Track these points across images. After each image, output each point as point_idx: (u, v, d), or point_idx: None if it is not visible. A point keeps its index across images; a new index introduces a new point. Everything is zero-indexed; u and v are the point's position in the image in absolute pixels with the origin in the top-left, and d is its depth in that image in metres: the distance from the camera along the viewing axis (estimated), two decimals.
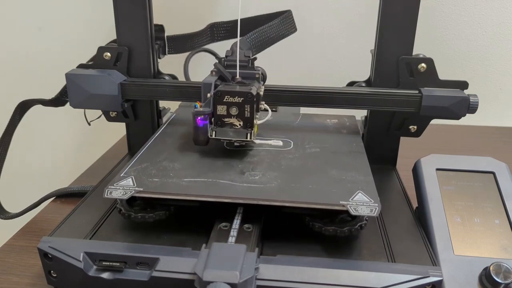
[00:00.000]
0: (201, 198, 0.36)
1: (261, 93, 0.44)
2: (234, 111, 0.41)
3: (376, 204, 0.35)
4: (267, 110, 0.45)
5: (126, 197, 0.36)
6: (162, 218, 0.39)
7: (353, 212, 0.34)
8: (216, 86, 0.42)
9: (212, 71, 0.44)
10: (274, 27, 0.50)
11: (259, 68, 0.45)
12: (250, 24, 0.52)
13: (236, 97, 0.41)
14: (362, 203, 0.35)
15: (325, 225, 0.37)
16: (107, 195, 0.36)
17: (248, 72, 0.44)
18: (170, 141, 0.47)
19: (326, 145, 0.47)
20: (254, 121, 0.42)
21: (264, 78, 0.47)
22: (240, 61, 0.44)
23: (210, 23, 0.57)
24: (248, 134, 0.42)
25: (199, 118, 0.41)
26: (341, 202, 0.35)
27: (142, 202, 0.40)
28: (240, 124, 0.42)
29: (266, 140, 0.46)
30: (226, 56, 0.45)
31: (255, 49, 0.49)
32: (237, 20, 0.56)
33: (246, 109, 0.41)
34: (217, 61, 0.45)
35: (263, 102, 0.45)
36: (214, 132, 0.42)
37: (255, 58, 0.45)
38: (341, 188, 0.37)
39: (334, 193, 0.37)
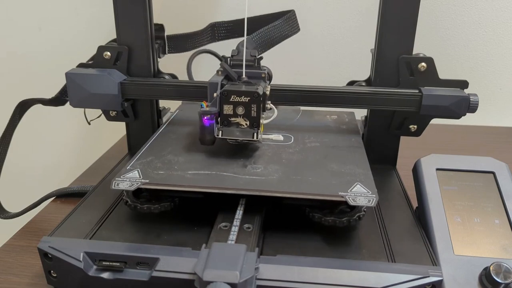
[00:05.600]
0: (205, 189, 0.37)
1: (268, 92, 0.44)
2: (240, 110, 0.41)
3: (374, 195, 0.36)
4: (273, 110, 0.45)
5: (133, 188, 0.37)
6: (167, 209, 0.40)
7: (351, 202, 0.35)
8: (222, 85, 0.42)
9: (218, 71, 0.44)
10: (278, 27, 0.50)
11: (265, 68, 0.45)
12: (254, 24, 0.52)
13: (243, 96, 0.41)
14: (360, 194, 0.36)
15: (324, 216, 0.38)
16: (114, 186, 0.37)
17: (254, 71, 0.44)
18: (173, 137, 0.48)
19: (326, 140, 0.47)
20: (261, 121, 0.42)
21: (270, 77, 0.47)
22: (246, 60, 0.44)
23: (210, 22, 0.57)
24: (255, 134, 0.42)
25: (205, 117, 0.41)
26: (340, 193, 0.36)
27: (148, 194, 0.41)
28: (246, 124, 0.42)
29: (267, 135, 0.47)
30: (232, 56, 0.45)
31: (260, 48, 0.49)
32: (238, 20, 0.56)
33: (252, 108, 0.41)
34: (223, 61, 0.45)
35: (269, 102, 0.45)
36: (220, 132, 0.42)
37: (261, 58, 0.45)
38: (340, 180, 0.38)
39: (333, 185, 0.37)
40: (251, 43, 0.47)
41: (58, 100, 0.53)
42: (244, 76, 0.44)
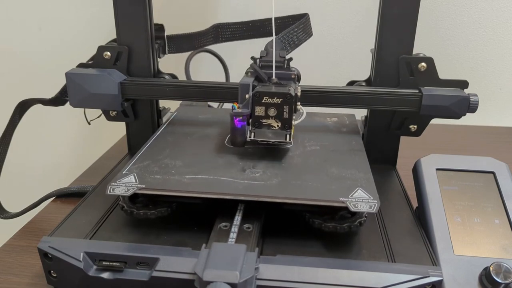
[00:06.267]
0: (203, 194, 0.36)
1: (299, 93, 0.44)
2: (272, 112, 0.41)
3: (375, 201, 0.35)
4: (302, 111, 0.45)
5: (128, 193, 0.36)
6: (164, 214, 0.39)
7: (352, 209, 0.34)
8: (253, 87, 0.42)
9: (247, 72, 0.44)
10: (299, 29, 0.50)
11: (294, 69, 0.45)
12: (264, 25, 0.52)
13: (275, 98, 0.41)
14: (362, 199, 0.35)
15: (325, 222, 0.38)
16: (109, 192, 0.37)
17: (283, 72, 0.44)
18: (171, 140, 0.47)
19: (326, 143, 0.47)
20: (292, 122, 0.42)
21: (299, 78, 0.46)
22: (275, 61, 0.44)
23: (214, 23, 0.57)
24: (287, 136, 0.42)
25: (237, 119, 0.41)
26: (340, 199, 0.35)
27: (144, 199, 0.40)
28: (278, 125, 0.42)
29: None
30: (261, 57, 0.45)
31: (286, 49, 0.48)
32: (243, 22, 0.55)
33: (284, 110, 0.41)
34: (253, 61, 0.44)
35: (299, 103, 0.44)
36: (253, 134, 0.42)
37: (291, 59, 0.45)
38: (340, 185, 0.38)
39: (333, 190, 0.37)
40: (278, 44, 0.47)
41: (58, 100, 0.53)
42: (274, 77, 0.44)
